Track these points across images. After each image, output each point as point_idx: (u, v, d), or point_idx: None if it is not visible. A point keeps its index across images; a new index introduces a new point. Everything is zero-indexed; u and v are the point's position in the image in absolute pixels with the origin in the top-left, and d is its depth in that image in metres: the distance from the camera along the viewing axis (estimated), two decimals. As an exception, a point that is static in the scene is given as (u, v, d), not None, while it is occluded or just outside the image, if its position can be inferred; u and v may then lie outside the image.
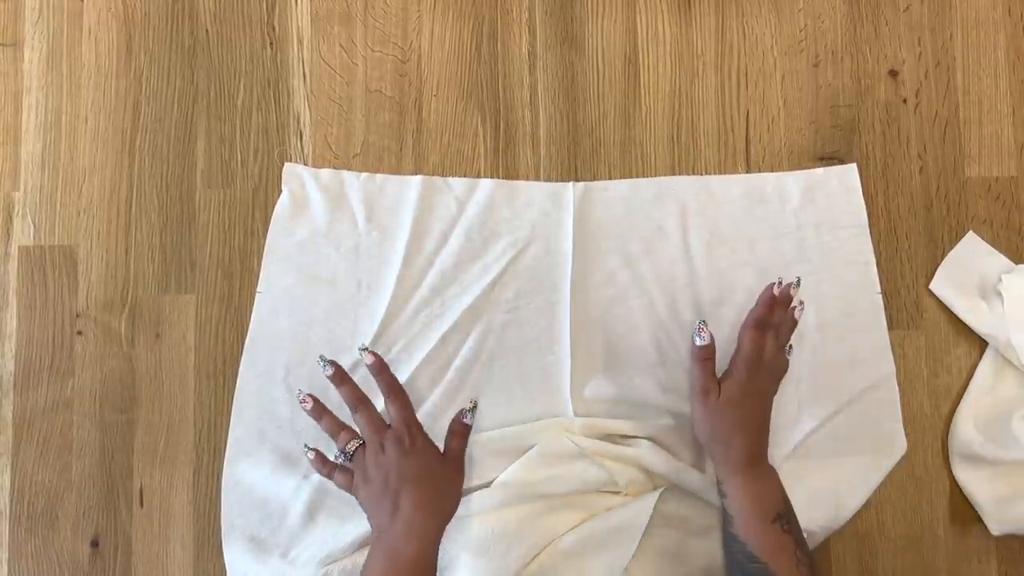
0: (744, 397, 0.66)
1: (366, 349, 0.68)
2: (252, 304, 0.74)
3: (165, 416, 0.74)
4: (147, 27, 0.78)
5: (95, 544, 0.73)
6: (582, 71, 0.78)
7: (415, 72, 0.78)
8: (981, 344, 0.74)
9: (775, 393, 0.68)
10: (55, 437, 0.74)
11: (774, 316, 0.69)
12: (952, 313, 0.75)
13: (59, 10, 0.78)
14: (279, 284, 0.74)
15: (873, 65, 0.78)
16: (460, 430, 0.69)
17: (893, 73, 0.78)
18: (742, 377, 0.66)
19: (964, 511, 0.72)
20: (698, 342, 0.68)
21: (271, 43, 0.78)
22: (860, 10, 0.78)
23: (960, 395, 0.74)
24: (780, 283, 0.69)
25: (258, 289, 0.74)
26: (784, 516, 0.62)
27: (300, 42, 0.78)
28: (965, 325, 0.74)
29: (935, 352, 0.75)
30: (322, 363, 0.68)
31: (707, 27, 0.78)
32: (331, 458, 0.68)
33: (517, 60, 0.78)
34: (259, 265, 0.75)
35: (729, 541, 0.64)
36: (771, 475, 0.65)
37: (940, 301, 0.75)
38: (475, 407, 0.70)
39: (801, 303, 0.71)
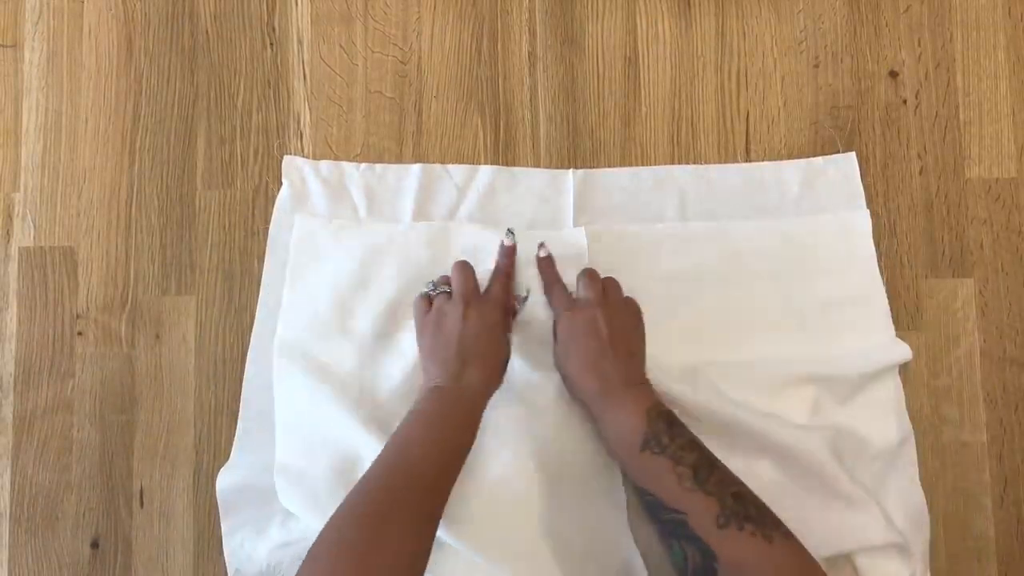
0: (571, 348, 0.66)
1: (510, 231, 0.72)
2: (253, 305, 0.74)
3: (165, 417, 0.74)
4: (147, 28, 0.78)
5: (95, 545, 0.73)
6: (582, 72, 0.78)
7: (415, 73, 0.78)
8: (982, 345, 0.75)
9: (617, 322, 0.66)
10: (55, 438, 0.74)
11: (554, 274, 0.72)
12: (952, 313, 0.75)
13: (59, 11, 0.78)
14: (282, 276, 0.74)
15: (873, 66, 0.78)
16: (512, 311, 0.71)
17: (893, 74, 0.78)
18: (560, 327, 0.68)
19: (964, 511, 0.72)
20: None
21: (271, 44, 0.78)
22: (860, 11, 0.78)
23: (961, 395, 0.74)
24: (540, 246, 0.72)
25: (262, 282, 0.74)
26: (652, 440, 0.59)
27: (300, 43, 0.78)
28: (965, 325, 0.75)
29: (935, 352, 0.75)
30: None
31: (707, 28, 0.78)
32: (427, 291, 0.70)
33: (517, 61, 0.78)
34: (260, 266, 0.75)
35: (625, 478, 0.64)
36: (630, 403, 0.62)
37: (940, 301, 0.75)
38: (528, 296, 0.71)
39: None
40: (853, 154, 0.76)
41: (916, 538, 0.69)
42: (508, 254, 0.72)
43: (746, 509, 0.55)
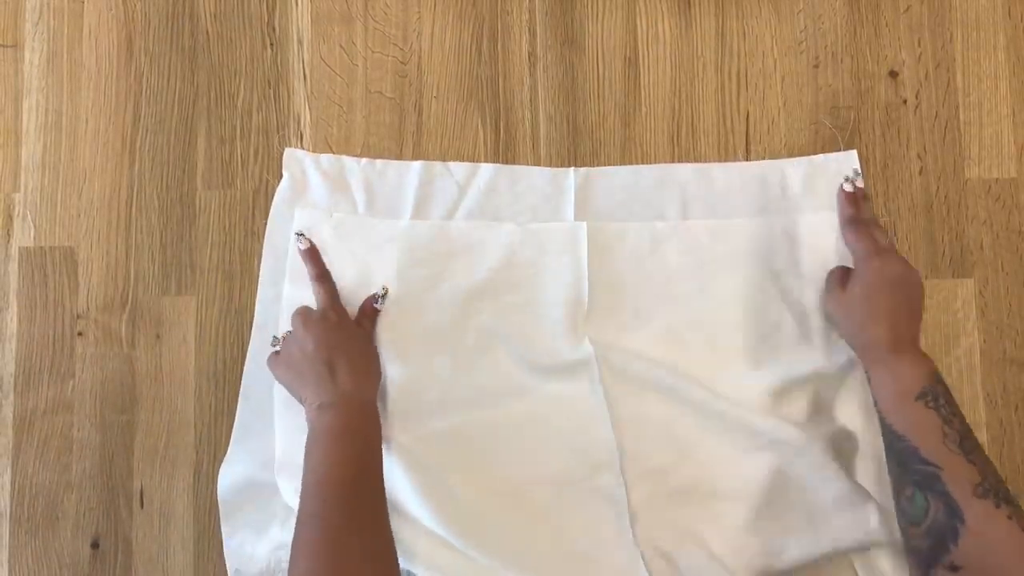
0: (874, 289, 0.66)
1: (301, 234, 0.72)
2: (253, 305, 0.74)
3: (165, 417, 0.74)
4: (147, 28, 0.78)
5: (95, 545, 0.73)
6: (582, 72, 0.78)
7: (415, 73, 0.78)
8: (982, 345, 0.75)
9: (916, 277, 0.67)
10: (55, 438, 0.74)
11: (863, 211, 0.71)
12: (952, 313, 0.75)
13: (59, 11, 0.78)
14: (280, 269, 0.74)
15: (873, 66, 0.78)
16: (371, 313, 0.72)
17: (893, 74, 0.78)
18: (867, 268, 0.67)
19: (964, 512, 0.72)
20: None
21: (271, 44, 0.78)
22: (860, 11, 0.78)
23: (961, 395, 0.74)
24: (848, 179, 0.72)
25: (261, 273, 0.74)
26: (929, 394, 0.61)
27: (300, 43, 0.78)
28: (965, 325, 0.75)
29: (935, 352, 0.75)
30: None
31: (707, 28, 0.78)
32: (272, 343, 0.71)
33: (517, 61, 0.78)
34: (259, 266, 0.75)
35: (880, 424, 0.64)
36: (916, 357, 0.63)
37: (940, 302, 0.75)
38: (386, 293, 0.72)
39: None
40: (854, 151, 0.76)
41: None
42: (309, 258, 0.72)
43: (1006, 493, 0.56)
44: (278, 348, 0.70)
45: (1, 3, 0.78)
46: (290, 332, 0.69)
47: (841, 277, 0.70)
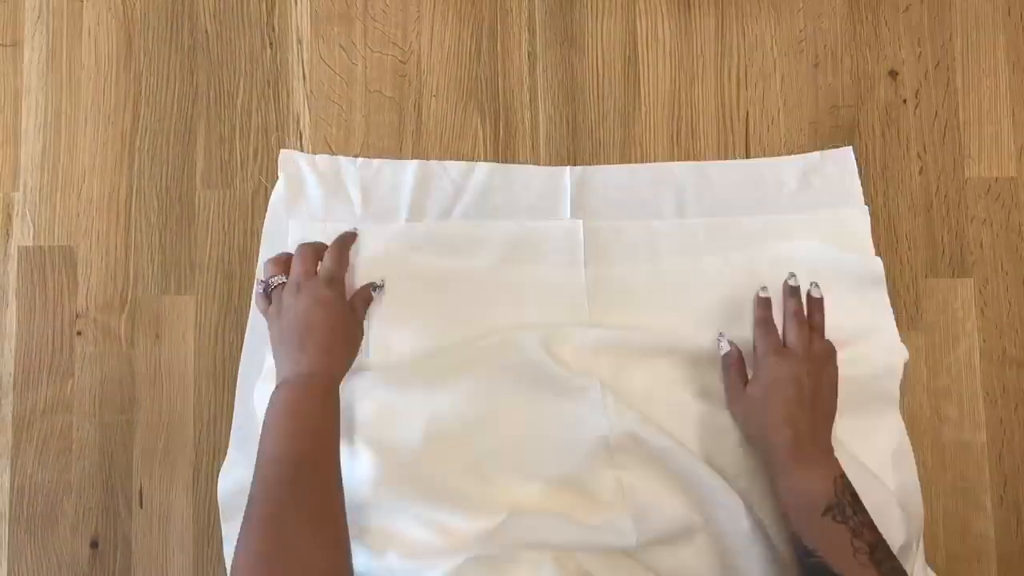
0: (770, 394, 0.65)
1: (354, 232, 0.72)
2: (251, 304, 0.74)
3: (165, 417, 0.74)
4: (147, 28, 0.78)
5: (95, 545, 0.73)
6: (582, 72, 0.78)
7: (415, 73, 0.78)
8: (982, 345, 0.75)
9: (819, 380, 0.66)
10: (55, 438, 0.74)
11: (775, 311, 0.70)
12: (952, 313, 0.75)
13: (59, 11, 0.78)
14: None
15: (873, 66, 0.78)
16: (367, 298, 0.71)
17: (893, 74, 0.78)
18: (762, 375, 0.67)
19: (963, 512, 0.72)
20: (721, 351, 0.70)
21: (271, 43, 0.78)
22: (860, 11, 0.78)
23: (960, 395, 0.74)
24: (764, 289, 0.71)
25: (256, 278, 0.74)
26: (836, 507, 0.60)
27: (300, 42, 0.78)
28: (965, 325, 0.75)
29: (935, 352, 0.75)
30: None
31: (707, 28, 0.78)
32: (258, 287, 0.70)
33: (517, 61, 0.78)
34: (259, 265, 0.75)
35: (789, 535, 0.64)
36: (819, 467, 0.63)
37: (940, 302, 0.75)
38: (383, 285, 0.72)
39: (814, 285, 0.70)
40: (850, 148, 0.76)
41: (912, 525, 0.69)
42: (342, 239, 0.71)
43: None
44: (268, 283, 0.69)
45: (1, 3, 0.78)
46: (283, 285, 0.68)
47: (734, 392, 0.69)
